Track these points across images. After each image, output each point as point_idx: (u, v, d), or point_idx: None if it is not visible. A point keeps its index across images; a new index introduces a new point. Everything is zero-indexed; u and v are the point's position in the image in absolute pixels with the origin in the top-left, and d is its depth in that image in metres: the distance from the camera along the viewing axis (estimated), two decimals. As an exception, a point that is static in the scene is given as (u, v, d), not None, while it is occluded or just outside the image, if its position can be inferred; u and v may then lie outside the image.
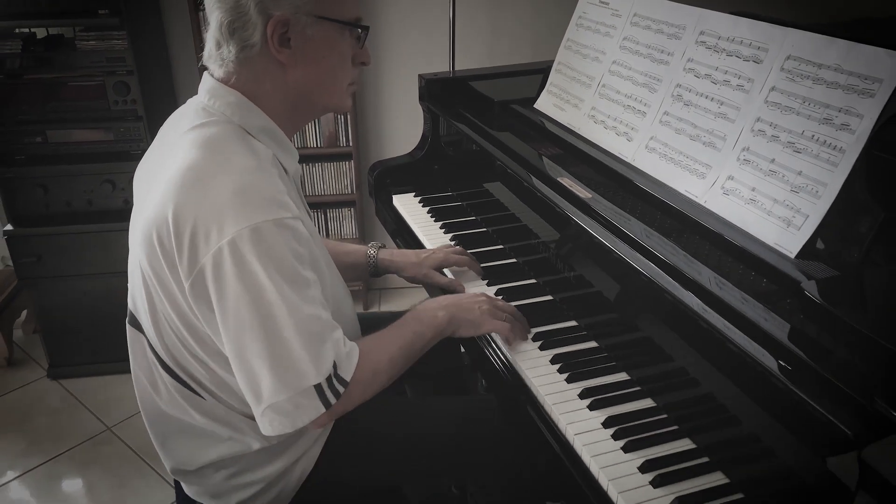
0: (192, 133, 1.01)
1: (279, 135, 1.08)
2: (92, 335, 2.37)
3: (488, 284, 1.43)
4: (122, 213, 2.24)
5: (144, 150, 2.16)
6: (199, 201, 0.94)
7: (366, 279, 1.46)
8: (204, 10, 2.25)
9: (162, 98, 2.35)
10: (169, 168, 0.98)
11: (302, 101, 1.08)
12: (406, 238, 1.73)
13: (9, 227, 2.21)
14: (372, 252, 1.43)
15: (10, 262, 2.85)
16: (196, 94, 1.09)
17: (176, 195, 0.95)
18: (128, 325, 1.13)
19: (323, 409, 1.00)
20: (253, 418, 1.03)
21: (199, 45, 2.32)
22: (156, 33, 2.37)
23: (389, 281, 2.91)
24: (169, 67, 2.48)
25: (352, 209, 2.69)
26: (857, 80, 0.98)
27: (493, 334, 1.24)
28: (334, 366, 1.01)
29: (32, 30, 2.20)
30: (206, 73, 1.08)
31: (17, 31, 2.14)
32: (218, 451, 1.10)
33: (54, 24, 2.10)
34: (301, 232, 1.00)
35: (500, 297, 1.34)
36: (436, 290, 1.47)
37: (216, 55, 1.03)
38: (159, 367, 1.08)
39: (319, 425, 1.05)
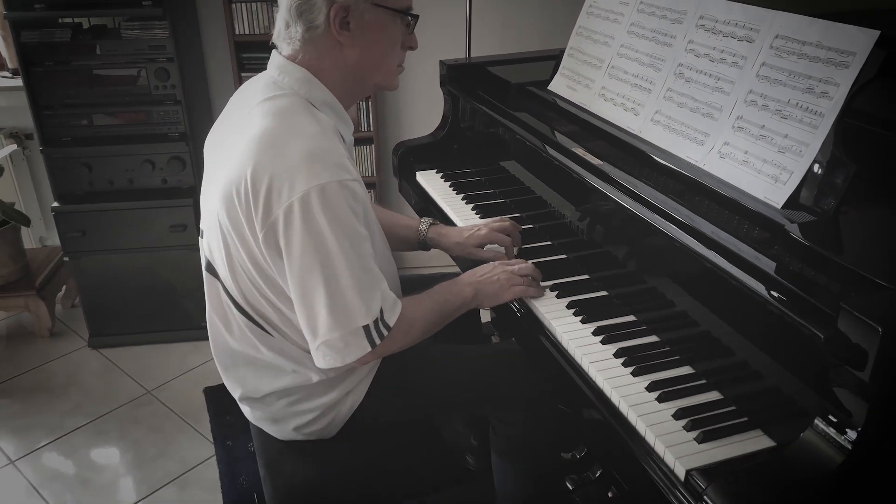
0: (265, 104, 1.15)
1: (338, 107, 1.23)
2: (130, 307, 2.53)
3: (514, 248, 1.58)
4: (161, 191, 2.40)
5: (182, 133, 2.35)
6: (273, 162, 1.08)
7: (415, 251, 1.59)
8: (235, 1, 2.41)
9: (196, 83, 2.51)
10: (245, 134, 1.13)
11: (357, 78, 1.23)
12: (432, 211, 1.88)
13: (55, 203, 2.36)
14: (423, 228, 1.56)
15: (48, 242, 3.03)
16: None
17: (253, 157, 1.09)
18: (204, 273, 1.28)
19: (369, 349, 1.16)
20: None
21: (231, 33, 2.49)
22: (190, 22, 2.52)
23: (409, 261, 3.07)
24: (201, 54, 2.63)
25: (372, 191, 2.85)
26: (835, 53, 1.13)
27: None
28: (381, 311, 1.16)
29: (76, 20, 2.36)
30: (274, 52, 1.22)
31: (59, 20, 2.29)
32: (282, 382, 1.26)
33: (101, 13, 2.25)
34: (358, 192, 1.14)
35: (517, 258, 1.50)
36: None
37: (285, 34, 1.17)
38: (233, 308, 1.24)
39: (363, 363, 1.20)
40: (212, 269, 1.26)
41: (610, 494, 1.78)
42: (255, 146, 1.10)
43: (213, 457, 2.08)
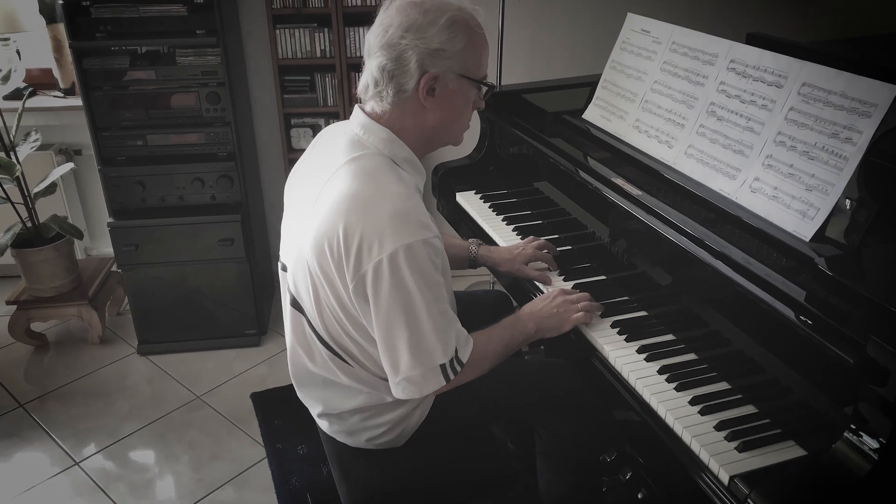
0: (353, 164, 1.27)
1: (416, 162, 1.35)
2: (178, 316, 2.67)
3: (552, 269, 1.72)
4: (210, 207, 2.54)
5: (231, 152, 2.49)
6: (364, 221, 1.20)
7: (463, 268, 1.74)
8: (279, 27, 2.55)
9: (242, 105, 2.64)
10: (335, 189, 1.24)
11: (433, 136, 1.35)
12: (471, 229, 2.02)
13: (111, 219, 2.50)
14: (473, 248, 1.70)
15: (92, 252, 3.17)
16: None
17: (345, 215, 1.21)
18: (289, 307, 1.41)
19: (444, 383, 1.29)
20: (386, 379, 1.31)
21: (275, 57, 2.63)
22: (237, 47, 2.66)
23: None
24: (245, 79, 2.77)
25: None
26: (858, 104, 1.27)
27: None
28: (455, 350, 1.29)
29: (128, 47, 2.49)
30: (357, 108, 1.34)
31: (112, 48, 2.42)
32: (357, 402, 1.39)
33: (160, 43, 2.38)
34: (439, 247, 1.27)
35: (570, 287, 1.61)
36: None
37: (374, 92, 1.29)
38: (317, 340, 1.37)
39: (438, 393, 1.34)
40: (297, 305, 1.39)
41: (640, 496, 1.92)
42: (346, 205, 1.21)
43: (265, 459, 2.21)
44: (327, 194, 1.26)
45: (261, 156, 2.97)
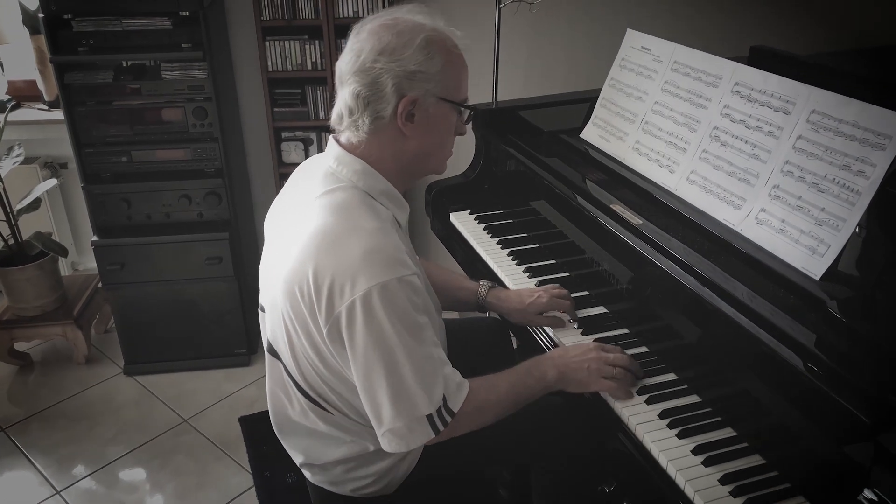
0: (324, 198, 1.19)
1: (395, 194, 1.27)
2: (165, 335, 2.60)
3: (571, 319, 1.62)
4: (197, 225, 2.47)
5: (218, 168, 2.41)
6: (334, 261, 1.12)
7: (471, 311, 1.62)
8: (269, 40, 2.48)
9: (231, 120, 2.58)
10: (306, 227, 1.16)
11: (413, 165, 1.27)
12: (467, 253, 1.95)
13: (95, 238, 2.43)
14: (482, 291, 1.58)
15: (79, 267, 3.10)
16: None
17: (315, 255, 1.13)
18: (267, 354, 1.34)
19: (432, 435, 1.19)
20: (371, 426, 1.22)
21: (265, 70, 2.55)
22: (225, 60, 2.59)
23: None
24: (234, 93, 2.70)
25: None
26: (871, 135, 1.20)
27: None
28: (444, 398, 1.19)
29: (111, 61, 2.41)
30: (331, 139, 1.26)
31: (95, 63, 2.34)
32: (340, 452, 1.31)
33: (143, 57, 2.31)
34: (417, 286, 1.18)
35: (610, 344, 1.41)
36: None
37: (349, 121, 1.21)
38: (294, 388, 1.29)
39: (428, 445, 1.24)
40: (274, 352, 1.32)
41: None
42: (315, 244, 1.14)
43: (253, 487, 2.14)
44: (299, 232, 1.18)
45: (251, 171, 2.90)
